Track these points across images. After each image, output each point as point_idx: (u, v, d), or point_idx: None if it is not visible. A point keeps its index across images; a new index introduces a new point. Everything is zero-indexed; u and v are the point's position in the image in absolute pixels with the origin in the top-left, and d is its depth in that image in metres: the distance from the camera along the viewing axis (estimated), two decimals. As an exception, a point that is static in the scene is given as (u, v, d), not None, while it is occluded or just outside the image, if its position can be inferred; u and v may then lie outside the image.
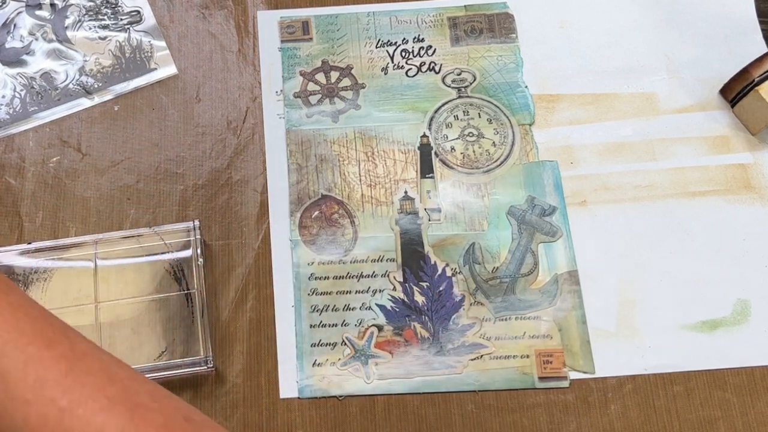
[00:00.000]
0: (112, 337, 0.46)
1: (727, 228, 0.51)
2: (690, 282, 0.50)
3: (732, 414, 0.47)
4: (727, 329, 0.49)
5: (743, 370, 0.48)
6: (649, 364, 0.48)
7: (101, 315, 0.47)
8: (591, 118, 0.55)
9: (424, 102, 0.55)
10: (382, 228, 0.51)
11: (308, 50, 0.56)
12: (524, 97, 0.55)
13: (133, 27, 0.56)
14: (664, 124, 0.54)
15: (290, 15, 0.57)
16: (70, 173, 0.52)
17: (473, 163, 0.53)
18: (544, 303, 0.49)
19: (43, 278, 0.47)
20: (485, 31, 0.57)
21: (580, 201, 0.52)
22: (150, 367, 0.45)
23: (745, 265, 0.50)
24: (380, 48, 0.56)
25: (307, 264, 0.50)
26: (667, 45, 0.57)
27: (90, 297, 0.47)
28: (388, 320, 0.49)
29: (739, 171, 0.53)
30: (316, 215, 0.51)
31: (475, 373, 0.48)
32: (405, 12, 0.57)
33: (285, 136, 0.54)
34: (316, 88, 0.55)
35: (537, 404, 0.47)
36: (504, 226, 0.51)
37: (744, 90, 0.53)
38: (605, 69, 0.56)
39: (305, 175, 0.53)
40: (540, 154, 0.53)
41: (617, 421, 0.47)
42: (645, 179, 0.53)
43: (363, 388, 0.47)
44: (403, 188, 0.52)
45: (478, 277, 0.50)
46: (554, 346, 0.48)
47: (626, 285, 0.50)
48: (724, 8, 0.58)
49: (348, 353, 0.48)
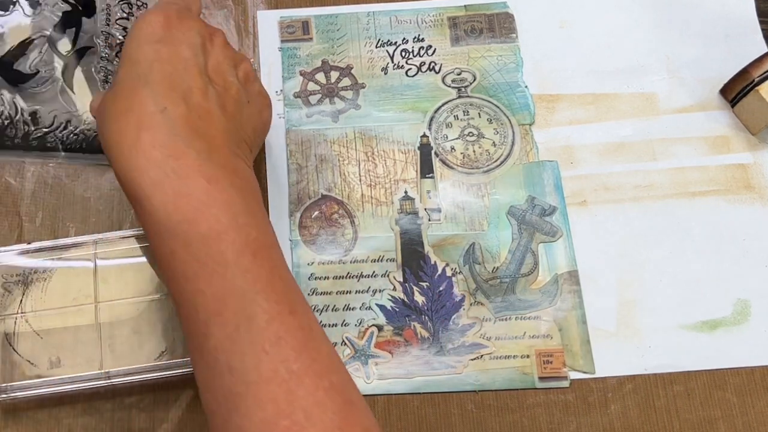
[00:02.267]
0: (112, 337, 0.46)
1: (727, 228, 0.51)
2: (690, 282, 0.50)
3: (732, 414, 0.47)
4: (727, 329, 0.49)
5: (743, 370, 0.48)
6: (649, 364, 0.48)
7: (101, 315, 0.46)
8: (591, 118, 0.55)
9: (424, 102, 0.55)
10: (382, 228, 0.51)
11: (308, 50, 0.56)
12: (524, 97, 0.55)
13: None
14: (664, 124, 0.54)
15: (290, 15, 0.57)
16: (70, 173, 0.52)
17: (473, 163, 0.53)
18: (544, 303, 0.49)
19: (43, 278, 0.47)
20: (485, 31, 0.57)
21: (580, 201, 0.52)
22: (150, 366, 0.45)
23: (745, 265, 0.50)
24: (380, 48, 0.56)
25: (307, 264, 0.50)
26: (667, 45, 0.57)
27: (90, 297, 0.47)
28: (388, 320, 0.49)
29: (739, 171, 0.53)
30: (316, 215, 0.51)
31: (475, 373, 0.48)
32: (405, 12, 0.57)
33: (285, 136, 0.54)
34: (316, 88, 0.55)
35: (537, 404, 0.47)
36: (504, 226, 0.51)
37: (744, 90, 0.53)
38: (605, 69, 0.56)
39: (305, 175, 0.53)
40: (540, 154, 0.53)
41: (617, 421, 0.47)
42: (645, 179, 0.53)
43: (363, 388, 0.47)
44: (403, 188, 0.52)
45: (478, 277, 0.50)
46: (554, 346, 0.48)
47: (626, 285, 0.50)
48: (724, 8, 0.58)
49: (348, 353, 0.48)
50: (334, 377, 0.35)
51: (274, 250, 0.38)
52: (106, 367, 0.45)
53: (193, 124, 0.38)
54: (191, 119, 0.38)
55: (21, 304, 0.47)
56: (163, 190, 0.36)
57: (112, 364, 0.45)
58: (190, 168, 0.37)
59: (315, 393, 0.34)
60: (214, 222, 0.36)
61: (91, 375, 0.45)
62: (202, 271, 0.36)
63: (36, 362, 0.45)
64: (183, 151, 0.37)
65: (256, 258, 0.36)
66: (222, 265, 0.35)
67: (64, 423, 0.46)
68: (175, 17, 0.41)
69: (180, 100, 0.38)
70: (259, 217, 0.38)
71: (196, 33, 0.41)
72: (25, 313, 0.47)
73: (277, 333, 0.35)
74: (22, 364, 0.45)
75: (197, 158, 0.37)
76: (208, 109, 0.40)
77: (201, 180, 0.37)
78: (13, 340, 0.46)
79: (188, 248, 0.36)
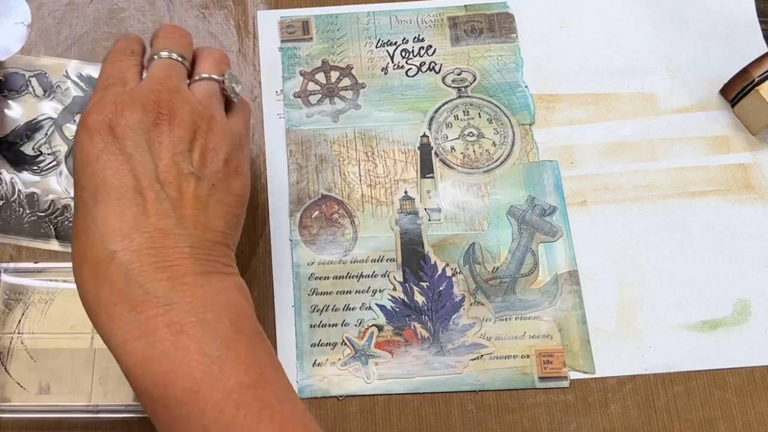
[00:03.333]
0: (105, 369, 0.45)
1: (727, 228, 0.51)
2: (690, 282, 0.50)
3: (732, 414, 0.47)
4: (727, 329, 0.49)
5: (743, 370, 0.48)
6: (649, 364, 0.48)
7: (96, 346, 0.46)
8: (591, 118, 0.55)
9: (424, 102, 0.55)
10: (382, 228, 0.51)
11: (308, 50, 0.56)
12: (524, 97, 0.55)
13: None
14: (664, 124, 0.54)
15: (290, 15, 0.57)
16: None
17: (473, 163, 0.53)
18: (544, 303, 0.49)
19: (44, 300, 0.47)
20: (485, 31, 0.57)
21: (580, 201, 0.52)
22: (139, 406, 0.44)
23: (745, 265, 0.50)
24: (380, 48, 0.56)
25: (307, 264, 0.50)
26: (667, 45, 0.57)
27: (88, 326, 0.46)
28: (388, 320, 0.49)
29: (740, 171, 0.53)
30: (316, 215, 0.51)
31: (475, 373, 0.48)
32: (405, 12, 0.57)
33: (285, 136, 0.54)
34: (316, 88, 0.55)
35: (537, 404, 0.47)
36: (504, 226, 0.51)
37: (744, 90, 0.53)
38: (605, 69, 0.56)
39: (305, 175, 0.53)
40: (540, 154, 0.53)
41: (617, 421, 0.47)
42: (645, 179, 0.53)
43: (363, 388, 0.47)
44: (403, 188, 0.52)
45: (478, 277, 0.50)
46: (554, 346, 0.48)
47: (626, 285, 0.50)
48: (724, 8, 0.58)
49: (348, 353, 0.48)
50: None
51: (262, 388, 0.35)
52: (94, 400, 0.45)
53: (149, 258, 0.35)
54: (145, 253, 0.35)
55: (19, 324, 0.46)
56: (130, 353, 0.34)
57: (101, 398, 0.45)
58: (153, 320, 0.34)
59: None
60: (187, 381, 0.33)
61: (80, 407, 0.44)
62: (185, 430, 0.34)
63: (26, 386, 0.45)
64: (142, 300, 0.34)
65: (240, 409, 0.33)
66: (202, 425, 0.33)
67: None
68: (112, 114, 0.37)
69: (130, 232, 0.35)
70: (242, 350, 0.35)
71: (138, 129, 0.37)
72: (22, 334, 0.46)
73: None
74: (12, 387, 0.45)
75: (159, 305, 0.34)
76: (163, 229, 0.36)
77: (167, 334, 0.34)
78: (6, 360, 0.45)
79: (168, 410, 0.34)
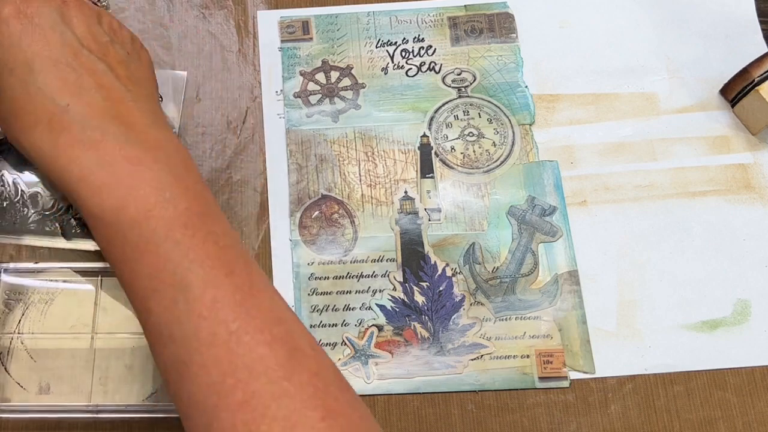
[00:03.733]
0: (105, 370, 0.45)
1: (727, 228, 0.51)
2: (690, 282, 0.50)
3: (732, 414, 0.47)
4: (727, 329, 0.49)
5: (743, 370, 0.48)
6: (649, 364, 0.48)
7: (97, 346, 0.46)
8: (591, 118, 0.55)
9: (424, 102, 0.55)
10: (382, 228, 0.51)
11: (308, 50, 0.56)
12: (524, 97, 0.55)
13: None
14: (664, 124, 0.54)
15: (290, 15, 0.57)
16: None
17: (473, 163, 0.53)
18: (544, 303, 0.49)
19: (44, 300, 0.47)
20: (485, 31, 0.57)
21: (580, 201, 0.52)
22: (139, 406, 0.44)
23: (745, 265, 0.50)
24: (380, 48, 0.56)
25: (307, 264, 0.50)
26: (667, 45, 0.57)
27: (88, 326, 0.46)
28: (388, 320, 0.49)
29: (740, 171, 0.53)
30: (316, 215, 0.51)
31: (475, 373, 0.48)
32: (405, 12, 0.57)
33: (285, 136, 0.54)
34: (316, 88, 0.55)
35: (537, 404, 0.47)
36: (504, 226, 0.51)
37: (744, 90, 0.53)
38: (605, 69, 0.56)
39: (305, 175, 0.53)
40: (540, 154, 0.53)
41: (617, 421, 0.47)
42: (645, 179, 0.53)
43: (363, 388, 0.47)
44: (403, 188, 0.52)
45: (478, 277, 0.50)
46: (554, 346, 0.48)
47: (626, 285, 0.50)
48: (724, 8, 0.58)
49: (348, 353, 0.48)
50: (276, 329, 0.36)
51: (208, 217, 0.38)
52: (94, 401, 0.44)
53: (101, 108, 0.38)
54: (97, 104, 0.38)
55: (19, 324, 0.46)
56: (88, 185, 0.37)
57: (101, 398, 0.44)
58: (111, 154, 0.37)
59: (255, 349, 0.35)
60: (141, 203, 0.36)
61: (80, 407, 0.44)
62: (136, 253, 0.36)
63: (26, 386, 0.45)
64: (100, 139, 0.37)
65: (188, 228, 0.36)
66: (154, 243, 0.36)
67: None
68: (20, 2, 0.40)
69: (77, 90, 0.38)
70: (190, 186, 0.38)
71: (50, 8, 0.40)
72: (22, 334, 0.46)
73: (214, 297, 0.35)
74: (12, 387, 0.45)
75: (116, 142, 0.38)
76: (105, 86, 0.39)
77: (125, 164, 0.37)
78: (6, 360, 0.45)
79: (121, 234, 0.36)
